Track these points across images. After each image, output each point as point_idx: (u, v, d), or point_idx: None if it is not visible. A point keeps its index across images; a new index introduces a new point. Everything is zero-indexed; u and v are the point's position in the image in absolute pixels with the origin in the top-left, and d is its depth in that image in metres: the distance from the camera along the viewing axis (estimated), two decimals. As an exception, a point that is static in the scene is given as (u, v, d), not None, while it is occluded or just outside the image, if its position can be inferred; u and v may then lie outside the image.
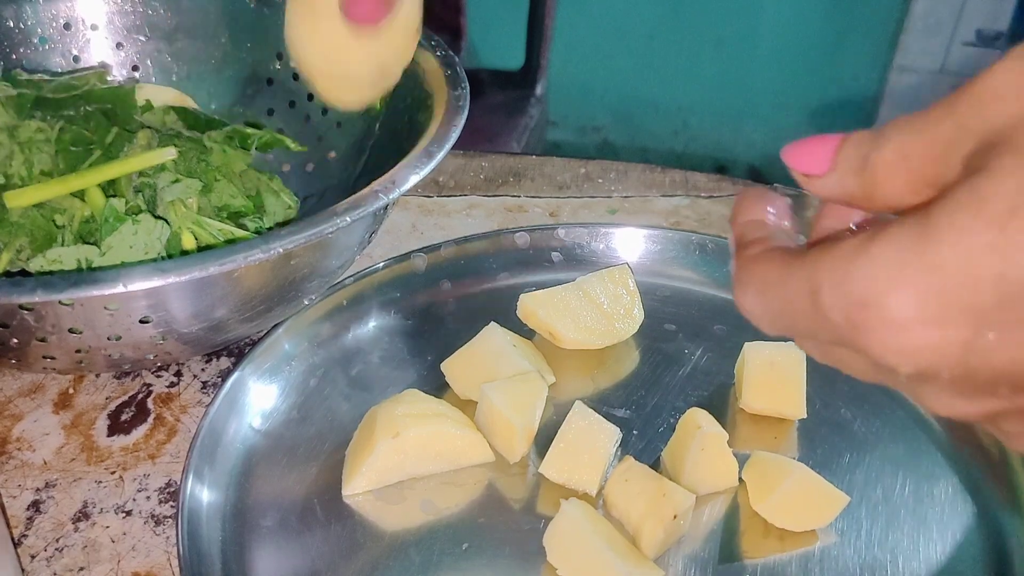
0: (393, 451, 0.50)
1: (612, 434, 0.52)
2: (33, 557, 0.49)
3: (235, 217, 0.61)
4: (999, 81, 0.25)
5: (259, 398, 0.56)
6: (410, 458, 0.51)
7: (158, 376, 0.59)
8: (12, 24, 0.68)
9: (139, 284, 0.43)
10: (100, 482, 0.53)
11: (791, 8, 1.97)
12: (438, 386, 0.57)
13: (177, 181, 0.58)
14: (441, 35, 0.65)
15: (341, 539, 0.49)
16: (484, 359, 0.56)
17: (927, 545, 0.49)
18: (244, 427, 0.54)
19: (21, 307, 0.45)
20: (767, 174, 2.11)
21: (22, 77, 0.63)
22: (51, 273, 0.52)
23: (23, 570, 0.48)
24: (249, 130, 0.64)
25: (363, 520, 0.50)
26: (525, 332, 0.60)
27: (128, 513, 0.51)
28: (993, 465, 0.53)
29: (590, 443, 0.51)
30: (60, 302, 0.45)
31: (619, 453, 0.53)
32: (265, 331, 0.57)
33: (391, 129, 0.65)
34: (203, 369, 0.60)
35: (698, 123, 2.15)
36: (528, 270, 0.66)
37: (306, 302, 0.58)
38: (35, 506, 0.51)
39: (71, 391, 0.58)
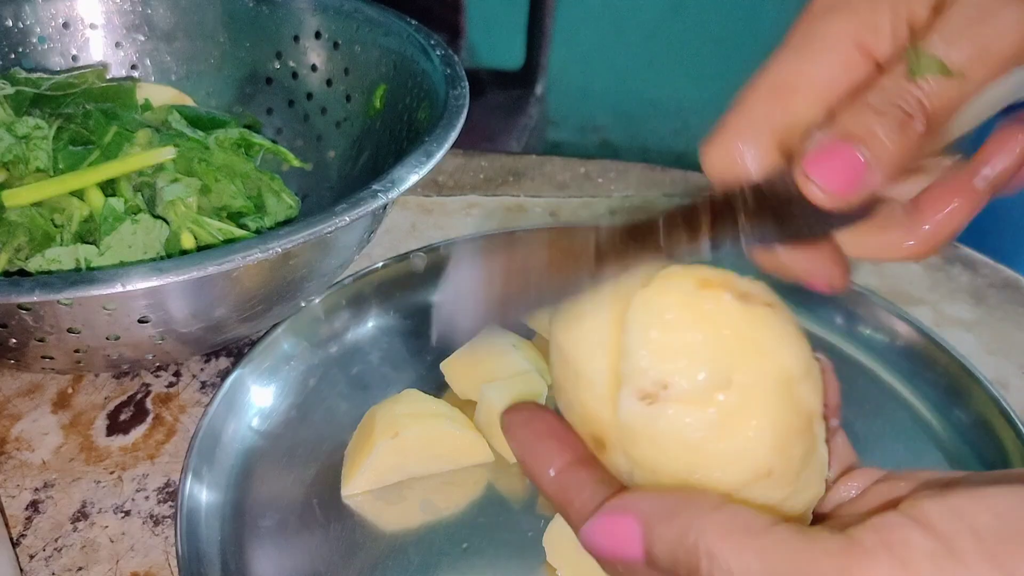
0: (392, 451, 0.50)
1: (612, 434, 0.52)
2: (32, 557, 0.49)
3: (236, 217, 0.61)
4: None
5: (258, 398, 0.56)
6: (410, 458, 0.51)
7: (157, 376, 0.59)
8: (11, 23, 0.68)
9: (138, 284, 0.43)
10: (99, 482, 0.53)
11: (791, 8, 1.97)
12: (438, 386, 0.57)
13: (176, 180, 0.58)
14: (441, 34, 0.65)
15: (340, 539, 0.49)
16: (484, 359, 0.56)
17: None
18: (243, 427, 0.54)
19: (20, 307, 0.45)
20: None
21: (20, 75, 0.63)
22: (50, 273, 0.52)
23: (22, 570, 0.48)
24: (256, 139, 0.64)
25: (362, 520, 0.50)
26: (525, 332, 0.60)
27: (127, 513, 0.51)
28: (993, 466, 0.53)
29: (590, 443, 0.51)
30: (59, 302, 0.45)
31: (619, 453, 0.53)
32: (264, 331, 0.57)
33: (391, 129, 0.64)
34: (202, 369, 0.59)
35: (698, 123, 2.14)
36: (528, 270, 0.66)
37: (304, 303, 0.58)
38: (34, 506, 0.51)
39: (70, 391, 0.58)
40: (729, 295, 0.30)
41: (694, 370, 0.29)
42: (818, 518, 0.32)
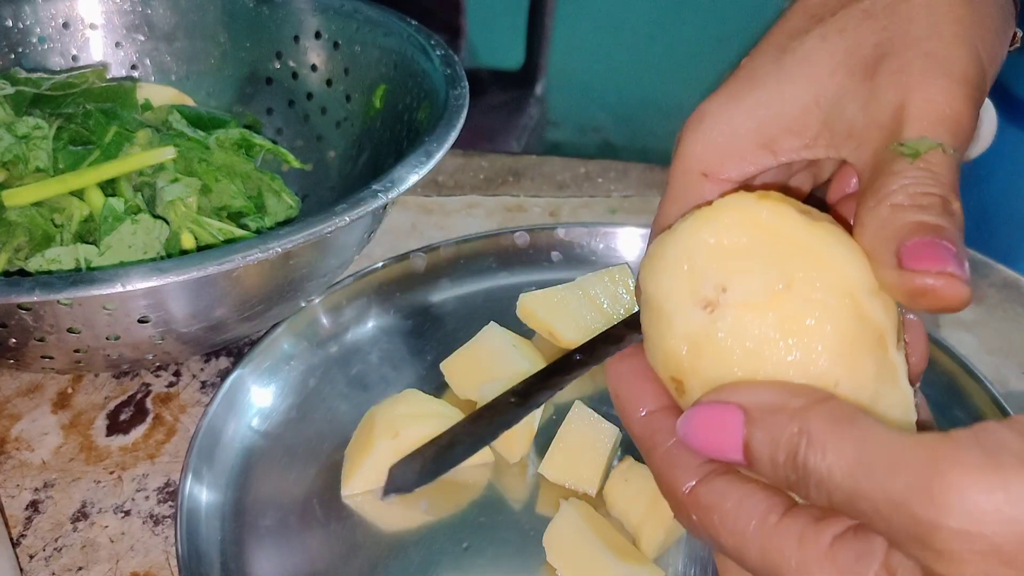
0: (392, 451, 0.50)
1: (611, 434, 0.52)
2: (32, 557, 0.49)
3: (236, 217, 0.61)
4: None
5: (258, 398, 0.56)
6: (409, 458, 0.51)
7: (157, 376, 0.59)
8: (11, 23, 0.68)
9: (138, 284, 0.43)
10: (99, 482, 0.53)
11: (791, 8, 1.97)
12: (437, 386, 0.57)
13: (176, 180, 0.58)
14: (441, 35, 0.65)
15: (340, 539, 0.49)
16: (483, 359, 0.56)
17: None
18: (243, 427, 0.54)
19: (19, 307, 0.45)
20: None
21: (20, 75, 0.63)
22: (49, 273, 0.52)
23: (21, 570, 0.48)
24: (257, 139, 0.64)
25: (363, 520, 0.50)
26: (525, 332, 0.60)
27: (127, 513, 0.51)
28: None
29: (590, 443, 0.51)
30: (59, 302, 0.45)
31: (619, 453, 0.53)
32: (264, 331, 0.57)
33: (391, 129, 0.64)
34: (202, 369, 0.59)
35: (698, 123, 2.14)
36: (528, 270, 0.66)
37: (304, 303, 0.58)
38: (33, 506, 0.51)
39: (70, 391, 0.58)
40: (790, 208, 0.30)
41: (751, 272, 0.29)
42: None
